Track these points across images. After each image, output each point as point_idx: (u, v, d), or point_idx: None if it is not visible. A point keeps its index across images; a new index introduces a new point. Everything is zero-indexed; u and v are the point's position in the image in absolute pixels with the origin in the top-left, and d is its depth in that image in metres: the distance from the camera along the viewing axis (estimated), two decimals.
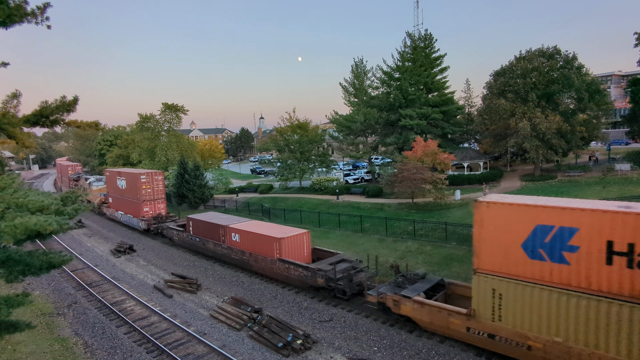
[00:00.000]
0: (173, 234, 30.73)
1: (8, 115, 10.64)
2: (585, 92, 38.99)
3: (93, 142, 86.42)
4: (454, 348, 14.39)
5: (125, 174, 37.57)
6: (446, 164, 39.17)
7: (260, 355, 14.73)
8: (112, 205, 41.04)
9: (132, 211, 36.63)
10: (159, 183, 36.12)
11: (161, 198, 36.43)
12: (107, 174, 41.19)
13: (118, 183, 38.57)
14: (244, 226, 24.51)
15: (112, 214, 41.20)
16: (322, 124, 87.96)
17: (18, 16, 8.96)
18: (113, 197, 40.51)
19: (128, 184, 36.69)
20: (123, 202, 38.12)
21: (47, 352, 15.58)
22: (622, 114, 54.26)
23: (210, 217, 28.20)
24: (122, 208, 38.74)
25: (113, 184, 39.95)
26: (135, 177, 35.34)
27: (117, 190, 39.16)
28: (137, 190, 35.19)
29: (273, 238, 21.44)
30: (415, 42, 51.91)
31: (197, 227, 27.84)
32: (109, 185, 41.38)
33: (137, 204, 35.54)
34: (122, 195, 38.13)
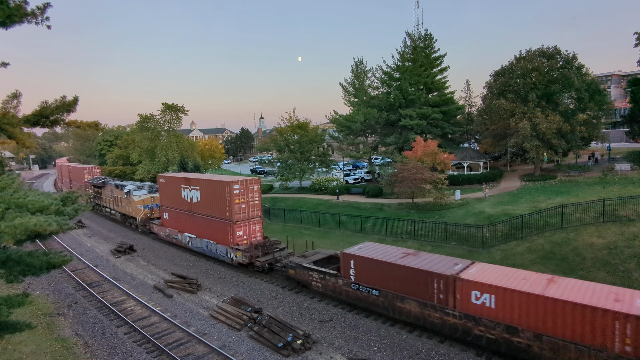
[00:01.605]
0: (311, 277, 19.73)
1: (8, 116, 10.66)
2: (585, 92, 38.99)
3: (93, 143, 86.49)
4: (454, 348, 14.40)
5: (202, 181, 26.94)
6: (446, 164, 39.19)
7: (260, 355, 14.74)
8: (170, 223, 30.84)
9: (214, 235, 26.02)
10: (254, 195, 25.10)
11: (257, 217, 25.43)
12: (163, 181, 31.28)
13: (183, 193, 28.36)
14: (499, 277, 13.79)
15: (170, 235, 30.77)
16: (322, 124, 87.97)
17: (18, 16, 8.98)
18: (172, 212, 30.31)
19: (206, 195, 26.24)
20: (194, 221, 27.81)
21: (47, 352, 15.58)
22: (622, 114, 54.23)
23: (393, 253, 17.29)
24: (191, 229, 28.25)
25: (172, 195, 29.84)
26: (221, 187, 24.68)
27: (180, 202, 28.91)
28: (225, 205, 24.42)
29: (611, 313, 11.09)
30: (415, 42, 51.93)
31: (367, 270, 17.05)
32: (164, 196, 31.42)
33: (224, 226, 24.92)
34: (191, 210, 27.86)
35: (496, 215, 28.46)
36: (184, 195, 28.44)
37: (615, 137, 60.25)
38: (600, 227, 22.78)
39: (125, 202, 36.96)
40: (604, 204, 24.04)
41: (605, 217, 23.62)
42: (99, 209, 46.47)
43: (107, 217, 44.04)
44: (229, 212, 24.30)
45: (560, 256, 20.71)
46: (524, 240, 23.22)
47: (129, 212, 36.85)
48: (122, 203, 37.81)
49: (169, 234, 30.81)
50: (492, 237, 24.38)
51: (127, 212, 37.33)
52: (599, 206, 24.35)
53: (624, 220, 23.08)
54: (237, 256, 24.06)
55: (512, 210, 29.02)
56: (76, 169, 56.60)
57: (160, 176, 31.95)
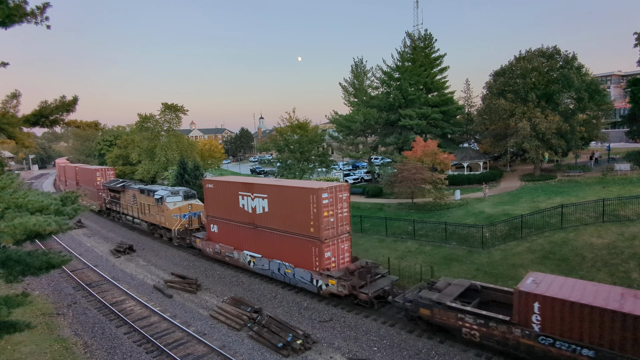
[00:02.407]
0: (461, 322, 14.23)
1: (8, 115, 10.64)
2: (585, 92, 39.01)
3: (93, 142, 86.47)
4: (454, 348, 14.39)
5: (273, 187, 20.92)
6: (446, 164, 39.19)
7: (260, 355, 14.73)
8: (222, 237, 25.03)
9: (290, 256, 20.36)
10: (343, 205, 19.54)
11: (346, 233, 19.87)
12: (210, 186, 25.42)
13: (242, 202, 22.73)
14: None
15: (221, 252, 24.93)
16: (322, 124, 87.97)
17: (18, 16, 8.96)
18: (225, 224, 24.55)
19: (279, 205, 20.46)
20: (258, 237, 22.15)
21: (46, 352, 15.58)
22: (622, 114, 54.28)
23: (603, 293, 12.17)
24: (253, 246, 22.62)
25: (225, 203, 24.12)
26: (304, 195, 18.93)
27: (237, 213, 23.31)
28: (309, 218, 18.75)
29: None
30: (415, 42, 51.95)
31: (564, 317, 12.03)
32: (213, 204, 25.44)
33: (306, 245, 19.31)
34: (254, 223, 22.17)
35: (496, 215, 28.46)
36: (243, 205, 22.70)
37: (615, 137, 60.30)
38: (600, 227, 22.77)
39: (156, 210, 31.03)
40: (603, 204, 24.05)
41: (605, 217, 23.62)
42: (117, 216, 40.96)
43: (129, 226, 38.06)
44: (316, 228, 18.44)
45: (560, 256, 20.71)
46: (524, 240, 23.22)
47: (161, 221, 30.82)
48: (151, 211, 31.95)
49: (220, 251, 24.95)
50: (492, 237, 24.38)
51: (158, 222, 31.34)
52: (599, 206, 24.35)
53: (624, 220, 23.09)
54: (329, 285, 18.48)
55: (512, 210, 29.03)
56: (86, 171, 49.18)
57: (208, 180, 25.82)
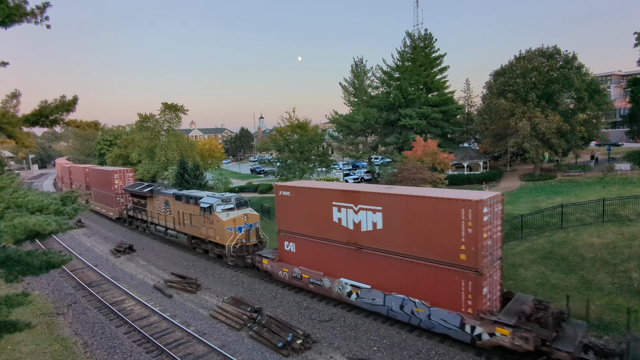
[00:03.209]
0: None
1: (7, 115, 10.64)
2: (585, 91, 39.02)
3: (92, 142, 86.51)
4: (454, 348, 14.39)
5: (394, 197, 15.70)
6: (446, 163, 39.22)
7: (260, 355, 14.73)
8: (303, 259, 19.82)
9: (420, 290, 15.26)
10: (498, 220, 14.81)
11: (499, 258, 15.11)
12: (286, 194, 20.07)
13: (338, 215, 17.58)
14: None
15: (301, 277, 19.78)
16: (322, 123, 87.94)
17: (18, 16, 8.97)
18: (308, 243, 19.37)
19: (402, 219, 15.43)
20: (364, 262, 16.97)
21: (46, 351, 15.57)
22: (622, 113, 54.28)
23: None
24: (356, 273, 17.38)
25: (309, 215, 19.02)
26: (449, 208, 14.08)
27: (328, 229, 18.15)
28: (459, 239, 13.92)
29: None
30: (415, 42, 51.98)
31: None
32: (288, 216, 20.24)
33: (448, 276, 14.37)
34: (357, 243, 17.05)
35: None
36: (339, 219, 17.51)
37: (615, 137, 60.29)
38: (599, 227, 22.77)
39: (202, 221, 25.76)
40: (603, 204, 24.04)
41: (605, 217, 23.62)
42: (142, 225, 35.43)
43: (162, 239, 32.25)
44: (470, 254, 13.56)
45: (560, 256, 20.70)
46: (524, 240, 23.22)
47: (209, 235, 25.53)
48: (194, 222, 26.73)
49: (301, 275, 19.70)
50: None
51: (205, 236, 25.92)
52: (599, 206, 24.35)
53: (624, 220, 23.09)
54: (497, 334, 13.21)
55: (511, 210, 29.03)
56: (100, 173, 43.35)
57: (283, 186, 20.27)
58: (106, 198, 41.45)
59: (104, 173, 42.08)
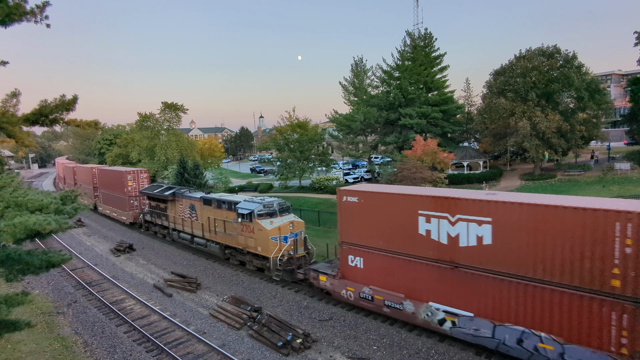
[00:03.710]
0: None
1: (7, 114, 10.64)
2: (585, 91, 39.05)
3: (92, 141, 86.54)
4: (454, 347, 14.40)
5: (506, 205, 12.63)
6: (446, 163, 39.23)
7: (259, 354, 14.74)
8: (370, 276, 16.69)
9: (549, 324, 12.13)
10: None
11: None
12: (352, 200, 17.05)
13: (426, 227, 14.53)
14: None
15: (373, 299, 16.56)
16: (322, 123, 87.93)
17: (17, 15, 8.95)
18: (381, 257, 16.15)
19: (521, 234, 12.32)
20: (462, 283, 13.83)
21: (46, 351, 15.58)
22: (622, 113, 54.29)
23: None
24: (449, 297, 14.28)
25: (385, 225, 15.84)
26: (596, 222, 10.95)
27: (410, 242, 15.04)
28: (611, 261, 10.89)
29: None
30: (415, 41, 51.99)
31: None
32: (354, 225, 17.09)
33: (598, 308, 11.30)
34: (452, 260, 13.97)
35: None
36: (427, 231, 14.48)
37: (615, 137, 60.31)
38: None
39: (239, 229, 22.91)
40: None
41: None
42: (162, 232, 32.51)
43: (187, 247, 29.35)
44: (625, 279, 11.01)
45: None
46: None
47: (248, 245, 22.57)
48: (229, 229, 23.83)
49: (371, 296, 16.47)
50: None
51: (244, 246, 22.93)
52: None
53: None
54: None
55: None
56: (111, 174, 40.17)
57: (349, 191, 17.08)
58: (118, 201, 38.43)
59: (115, 174, 38.85)
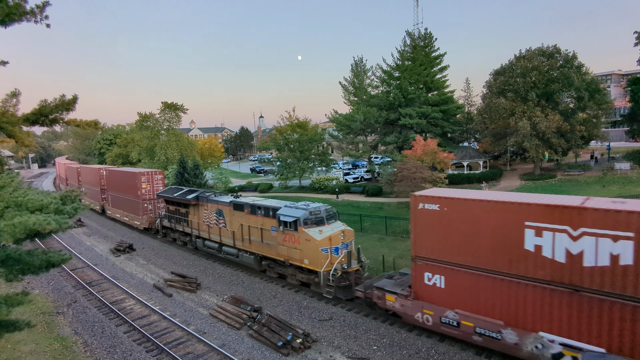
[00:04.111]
0: None
1: (7, 114, 10.64)
2: (585, 91, 39.06)
3: (92, 141, 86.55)
4: (454, 347, 14.39)
5: None
6: (446, 163, 39.23)
7: (259, 354, 14.74)
8: (454, 298, 14.05)
9: None
10: None
11: None
12: (436, 207, 13.99)
13: (538, 241, 11.82)
14: None
15: (459, 324, 13.81)
16: (322, 123, 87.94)
17: (17, 15, 8.95)
18: (469, 276, 13.54)
19: None
20: (588, 311, 11.20)
21: (46, 351, 15.58)
22: (622, 113, 54.29)
23: None
24: (568, 327, 11.59)
25: (478, 238, 13.13)
26: None
27: (512, 259, 12.38)
28: None
29: None
30: (415, 41, 51.98)
31: None
32: (434, 236, 14.28)
33: None
34: (572, 282, 11.36)
35: None
36: (536, 246, 12.07)
37: (615, 136, 60.32)
38: None
39: (280, 239, 20.25)
40: None
41: None
42: (183, 238, 29.68)
43: (213, 256, 26.87)
44: None
45: None
46: None
47: (292, 257, 19.84)
48: (268, 239, 21.14)
49: (456, 322, 13.90)
50: None
51: (286, 257, 20.25)
52: None
53: None
54: None
55: None
56: (122, 175, 37.26)
57: (425, 197, 14.35)
58: (130, 204, 35.80)
59: (127, 175, 36.09)
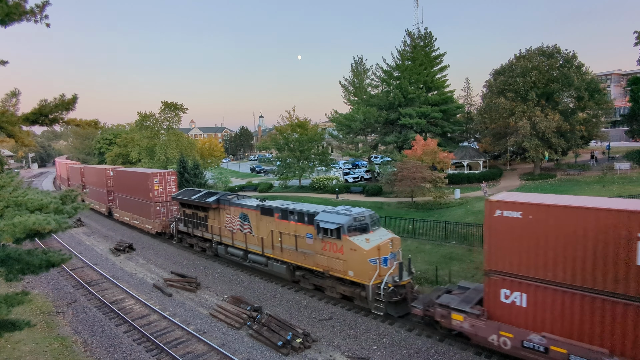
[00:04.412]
0: None
1: (7, 114, 10.62)
2: (585, 91, 39.03)
3: (92, 141, 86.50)
4: (453, 347, 14.40)
5: None
6: (446, 162, 39.23)
7: (259, 353, 14.74)
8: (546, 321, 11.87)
9: None
10: None
11: None
12: (518, 215, 12.10)
13: None
14: None
15: (548, 350, 11.59)
16: (322, 122, 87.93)
17: (17, 14, 8.94)
18: (562, 296, 11.53)
19: None
20: None
21: (46, 350, 15.58)
22: (622, 112, 54.28)
23: None
24: None
25: (579, 251, 11.06)
26: None
27: (632, 278, 10.15)
28: None
29: None
30: (415, 41, 51.95)
31: None
32: (515, 249, 12.38)
33: None
34: None
35: None
36: None
37: (615, 136, 60.32)
38: None
39: (318, 248, 18.28)
40: None
41: None
42: (202, 244, 27.51)
43: (230, 263, 25.36)
44: None
45: None
46: None
47: (333, 268, 17.79)
48: (303, 247, 19.10)
49: (544, 347, 11.81)
50: None
51: (325, 268, 18.18)
52: None
53: None
54: None
55: None
56: (132, 176, 35.38)
57: (503, 203, 12.69)
58: (141, 207, 33.84)
59: (138, 176, 34.14)
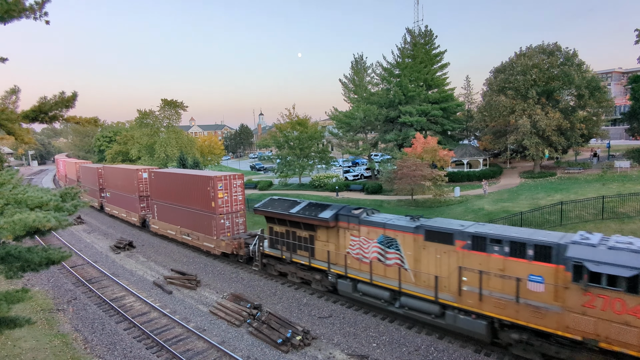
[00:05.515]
0: None
1: (7, 111, 10.60)
2: (586, 89, 38.95)
3: (92, 139, 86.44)
4: (453, 344, 14.43)
5: None
6: (446, 160, 39.21)
7: (259, 351, 14.77)
8: None
9: None
10: None
11: None
12: None
13: None
14: None
15: None
16: (322, 120, 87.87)
17: (16, 11, 8.91)
18: None
19: None
20: None
21: (46, 347, 15.61)
22: (622, 111, 54.22)
23: None
24: None
25: None
26: None
27: None
28: None
29: None
30: (415, 39, 51.86)
31: None
32: None
33: None
34: None
35: (495, 212, 28.48)
36: None
37: (615, 134, 60.27)
38: (599, 224, 22.81)
39: (578, 302, 11.18)
40: (603, 201, 24.07)
41: (605, 214, 23.66)
42: (304, 276, 20.02)
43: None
44: None
45: None
46: None
47: (611, 337, 10.62)
48: (531, 297, 12.14)
49: None
50: None
51: (593, 335, 10.90)
52: (598, 203, 24.38)
53: (623, 217, 23.12)
54: None
55: (511, 207, 29.04)
56: (182, 180, 27.21)
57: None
58: (196, 220, 26.30)
59: (193, 180, 26.18)
